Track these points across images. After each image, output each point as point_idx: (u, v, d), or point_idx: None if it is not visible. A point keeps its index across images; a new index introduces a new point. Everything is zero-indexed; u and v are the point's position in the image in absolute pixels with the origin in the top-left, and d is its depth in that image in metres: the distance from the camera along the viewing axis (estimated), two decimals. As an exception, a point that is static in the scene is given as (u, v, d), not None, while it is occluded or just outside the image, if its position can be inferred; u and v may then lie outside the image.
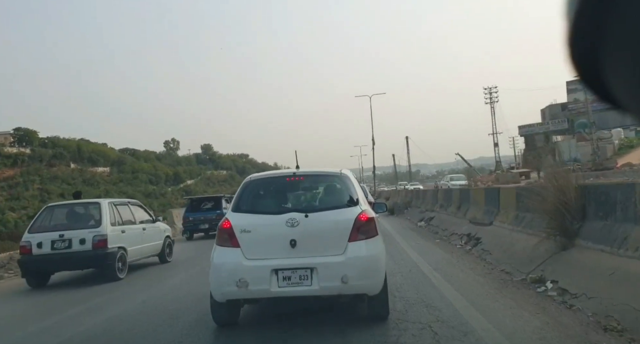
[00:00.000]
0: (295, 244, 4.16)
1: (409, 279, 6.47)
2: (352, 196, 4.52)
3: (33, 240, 8.32)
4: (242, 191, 4.69)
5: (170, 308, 5.59)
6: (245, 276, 4.11)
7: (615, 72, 0.65)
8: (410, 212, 19.33)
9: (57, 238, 8.24)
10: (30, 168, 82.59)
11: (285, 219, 4.24)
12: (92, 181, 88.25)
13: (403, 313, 4.59)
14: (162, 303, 6.05)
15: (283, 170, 6.05)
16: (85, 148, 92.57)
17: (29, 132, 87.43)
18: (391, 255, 7.71)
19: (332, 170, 4.97)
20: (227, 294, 4.24)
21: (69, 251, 8.20)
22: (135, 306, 6.03)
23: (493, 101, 63.17)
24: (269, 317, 4.93)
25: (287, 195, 4.95)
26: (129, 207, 9.72)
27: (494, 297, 5.15)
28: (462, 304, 4.86)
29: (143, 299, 6.50)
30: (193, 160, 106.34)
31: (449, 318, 4.35)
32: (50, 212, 9.00)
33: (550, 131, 60.48)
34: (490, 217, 8.95)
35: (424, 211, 16.23)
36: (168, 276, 8.57)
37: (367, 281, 4.17)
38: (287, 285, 4.11)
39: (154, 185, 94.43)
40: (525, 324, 4.09)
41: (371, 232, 4.30)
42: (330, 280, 4.07)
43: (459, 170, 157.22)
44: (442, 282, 6.08)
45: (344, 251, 4.15)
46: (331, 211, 4.42)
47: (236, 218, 4.40)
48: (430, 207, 15.81)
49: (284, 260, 4.15)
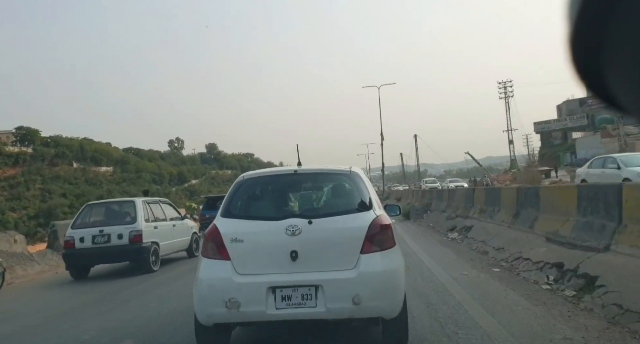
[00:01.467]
0: (297, 256, 3.44)
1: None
2: (364, 198, 3.77)
3: (76, 235, 8.89)
4: (234, 193, 3.97)
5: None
6: (237, 296, 3.38)
7: (616, 73, 0.65)
8: (431, 217, 15.42)
9: (97, 233, 8.83)
10: (31, 167, 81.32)
11: (284, 226, 3.51)
12: (94, 181, 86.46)
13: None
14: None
15: (282, 168, 4.99)
16: (88, 147, 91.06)
17: (31, 131, 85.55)
18: (422, 296, 5.20)
19: (340, 167, 4.16)
20: (215, 317, 3.50)
21: (108, 245, 8.77)
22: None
23: (508, 96, 58.50)
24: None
25: (287, 197, 4.28)
26: (160, 205, 10.24)
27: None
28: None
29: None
30: (197, 159, 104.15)
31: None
32: (90, 210, 9.62)
33: (568, 127, 56.48)
34: (602, 237, 5.07)
35: (453, 217, 12.34)
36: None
37: (383, 302, 3.40)
38: (286, 306, 3.38)
39: (158, 184, 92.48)
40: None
41: (388, 242, 3.53)
42: (339, 300, 3.34)
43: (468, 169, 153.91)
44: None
45: (356, 266, 3.42)
46: (339, 217, 3.64)
47: (226, 225, 3.64)
48: (463, 212, 11.91)
49: (283, 276, 3.43)
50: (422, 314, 4.53)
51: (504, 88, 58.26)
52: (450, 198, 14.56)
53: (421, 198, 20.02)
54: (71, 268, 8.96)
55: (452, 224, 11.77)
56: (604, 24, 0.60)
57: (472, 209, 11.23)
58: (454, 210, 13.07)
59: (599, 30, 0.61)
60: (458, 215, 12.20)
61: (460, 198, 13.12)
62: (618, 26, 0.59)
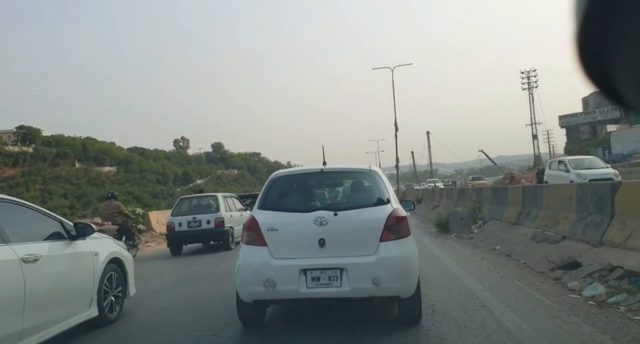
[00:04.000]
0: (324, 243, 3.86)
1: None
2: (383, 193, 4.19)
3: (175, 221, 11.50)
4: (269, 188, 4.41)
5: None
6: (273, 276, 3.82)
7: (624, 72, 0.64)
8: (490, 232, 9.75)
9: (191, 219, 11.42)
10: (32, 167, 77.46)
11: (313, 217, 3.92)
12: (96, 181, 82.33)
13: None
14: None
15: (310, 167, 4.82)
16: (91, 147, 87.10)
17: (32, 130, 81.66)
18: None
19: (361, 166, 4.60)
20: (254, 294, 3.95)
21: (199, 228, 11.36)
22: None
23: (532, 86, 51.76)
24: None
25: (314, 192, 4.73)
26: (232, 199, 12.68)
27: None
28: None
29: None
30: (203, 159, 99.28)
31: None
32: (182, 202, 12.40)
33: (598, 121, 50.31)
34: None
35: (553, 239, 6.69)
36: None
37: (400, 283, 3.81)
38: (316, 285, 3.80)
39: (162, 184, 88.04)
40: None
41: (403, 232, 3.93)
42: (361, 281, 3.75)
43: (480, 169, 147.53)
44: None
45: (375, 252, 3.82)
46: (361, 210, 4.05)
47: (263, 216, 4.10)
48: (575, 228, 6.26)
49: (313, 260, 3.85)
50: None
51: (527, 78, 51.56)
52: (531, 200, 8.69)
53: (461, 201, 14.24)
54: (172, 246, 11.47)
55: (557, 253, 6.09)
56: (611, 21, 0.58)
57: (608, 226, 5.52)
58: (545, 221, 7.38)
59: (606, 29, 0.59)
60: (563, 233, 6.50)
61: (559, 200, 7.33)
62: (625, 23, 0.58)
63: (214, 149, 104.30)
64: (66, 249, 4.21)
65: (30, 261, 3.57)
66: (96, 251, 4.60)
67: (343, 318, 4.27)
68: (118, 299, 4.96)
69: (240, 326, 4.21)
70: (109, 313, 4.73)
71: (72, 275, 4.17)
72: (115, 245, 5.23)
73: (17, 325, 3.33)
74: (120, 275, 5.04)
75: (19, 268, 3.44)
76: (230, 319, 4.46)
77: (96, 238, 4.77)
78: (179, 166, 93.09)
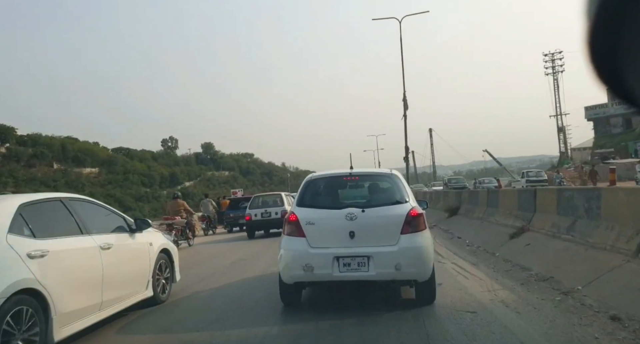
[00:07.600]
0: (354, 235, 4.48)
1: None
2: (402, 194, 4.83)
3: (252, 212, 14.59)
4: (305, 189, 5.06)
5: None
6: (311, 262, 4.46)
7: (635, 72, 0.63)
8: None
9: (263, 211, 14.53)
10: (4, 168, 68.65)
11: (344, 213, 4.55)
12: (76, 184, 73.09)
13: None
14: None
15: (340, 170, 5.45)
16: (71, 147, 77.81)
17: (5, 129, 72.81)
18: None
19: (383, 170, 5.40)
20: (295, 277, 4.58)
21: (269, 218, 14.37)
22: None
23: (557, 71, 42.92)
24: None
25: (344, 192, 5.46)
26: (291, 197, 14.59)
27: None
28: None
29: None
30: (193, 159, 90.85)
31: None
32: (256, 199, 15.74)
33: (632, 112, 42.36)
34: None
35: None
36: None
37: (418, 269, 4.44)
38: (347, 270, 4.43)
39: (148, 187, 79.32)
40: None
41: (420, 226, 4.54)
42: (385, 266, 4.39)
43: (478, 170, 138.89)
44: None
45: (397, 243, 4.44)
46: (384, 207, 4.71)
47: (301, 212, 4.74)
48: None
49: (344, 249, 4.47)
50: None
51: (552, 62, 42.77)
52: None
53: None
54: (248, 231, 14.75)
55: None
56: (623, 20, 0.58)
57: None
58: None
59: (617, 27, 0.58)
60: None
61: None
62: (636, 23, 0.57)
63: (204, 149, 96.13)
64: (129, 240, 5.34)
65: (105, 249, 4.67)
66: (151, 242, 5.71)
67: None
68: (166, 284, 6.00)
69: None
70: (161, 294, 5.82)
71: (134, 261, 5.32)
72: (164, 238, 6.31)
73: (97, 298, 4.44)
74: (168, 263, 6.10)
75: (98, 254, 4.55)
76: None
77: (150, 232, 5.84)
78: (166, 167, 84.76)
